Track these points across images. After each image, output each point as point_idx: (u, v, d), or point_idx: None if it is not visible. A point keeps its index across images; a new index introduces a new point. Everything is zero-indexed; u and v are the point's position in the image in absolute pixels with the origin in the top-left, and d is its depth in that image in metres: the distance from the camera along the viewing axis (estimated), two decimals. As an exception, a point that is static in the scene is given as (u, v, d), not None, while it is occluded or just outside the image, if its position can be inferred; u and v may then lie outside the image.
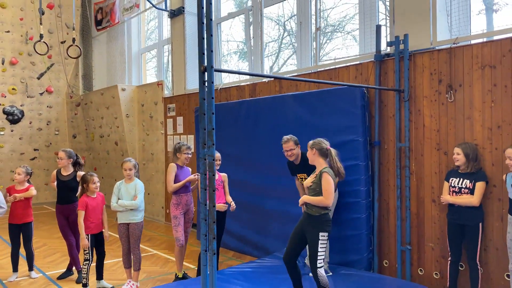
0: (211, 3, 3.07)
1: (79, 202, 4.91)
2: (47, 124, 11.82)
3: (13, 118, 11.25)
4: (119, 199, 4.90)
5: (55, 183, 5.49)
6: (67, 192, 5.36)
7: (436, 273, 4.72)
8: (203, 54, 3.15)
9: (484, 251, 4.31)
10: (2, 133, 11.16)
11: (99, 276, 5.12)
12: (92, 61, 11.94)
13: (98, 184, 4.96)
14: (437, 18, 4.78)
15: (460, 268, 4.42)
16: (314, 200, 3.78)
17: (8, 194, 5.44)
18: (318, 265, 3.73)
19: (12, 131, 11.28)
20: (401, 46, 4.87)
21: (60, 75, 11.81)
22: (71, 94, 12.05)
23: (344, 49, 6.73)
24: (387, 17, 5.81)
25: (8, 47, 11.12)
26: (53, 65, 11.70)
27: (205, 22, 3.10)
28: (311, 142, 3.96)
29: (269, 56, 8.16)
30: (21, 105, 11.38)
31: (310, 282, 4.29)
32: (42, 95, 11.68)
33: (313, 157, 3.91)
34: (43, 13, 9.13)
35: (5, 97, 11.16)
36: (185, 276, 5.29)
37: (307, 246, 3.93)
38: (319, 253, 3.72)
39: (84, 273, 4.92)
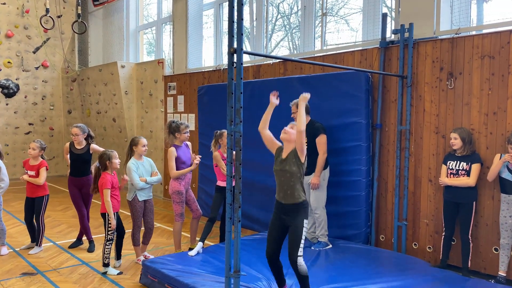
0: (242, -11, 3.27)
1: (105, 180, 4.71)
2: (42, 99, 11.81)
3: (8, 91, 11.21)
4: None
5: (69, 156, 5.66)
6: (82, 165, 5.54)
7: (429, 247, 5.11)
8: (233, 36, 3.37)
9: (475, 227, 4.70)
10: (-3, 106, 11.14)
11: (118, 256, 5.05)
12: (88, 36, 11.90)
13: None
14: (440, 8, 5.06)
15: (452, 242, 4.81)
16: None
17: (24, 167, 5.61)
18: (300, 254, 3.57)
19: (7, 104, 11.26)
20: (406, 34, 5.15)
21: (56, 50, 11.76)
22: (67, 69, 12.03)
23: (347, 34, 6.96)
24: (387, 6, 6.07)
25: (4, 20, 11.00)
26: (49, 39, 11.63)
27: (235, 7, 3.31)
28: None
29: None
30: (16, 79, 11.34)
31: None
32: (37, 69, 11.63)
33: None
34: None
35: (1, 70, 11.09)
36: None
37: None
38: (302, 241, 3.59)
39: (107, 253, 4.78)
